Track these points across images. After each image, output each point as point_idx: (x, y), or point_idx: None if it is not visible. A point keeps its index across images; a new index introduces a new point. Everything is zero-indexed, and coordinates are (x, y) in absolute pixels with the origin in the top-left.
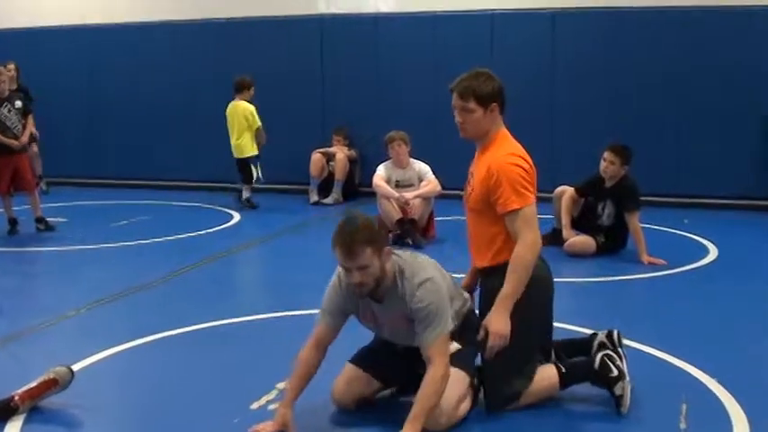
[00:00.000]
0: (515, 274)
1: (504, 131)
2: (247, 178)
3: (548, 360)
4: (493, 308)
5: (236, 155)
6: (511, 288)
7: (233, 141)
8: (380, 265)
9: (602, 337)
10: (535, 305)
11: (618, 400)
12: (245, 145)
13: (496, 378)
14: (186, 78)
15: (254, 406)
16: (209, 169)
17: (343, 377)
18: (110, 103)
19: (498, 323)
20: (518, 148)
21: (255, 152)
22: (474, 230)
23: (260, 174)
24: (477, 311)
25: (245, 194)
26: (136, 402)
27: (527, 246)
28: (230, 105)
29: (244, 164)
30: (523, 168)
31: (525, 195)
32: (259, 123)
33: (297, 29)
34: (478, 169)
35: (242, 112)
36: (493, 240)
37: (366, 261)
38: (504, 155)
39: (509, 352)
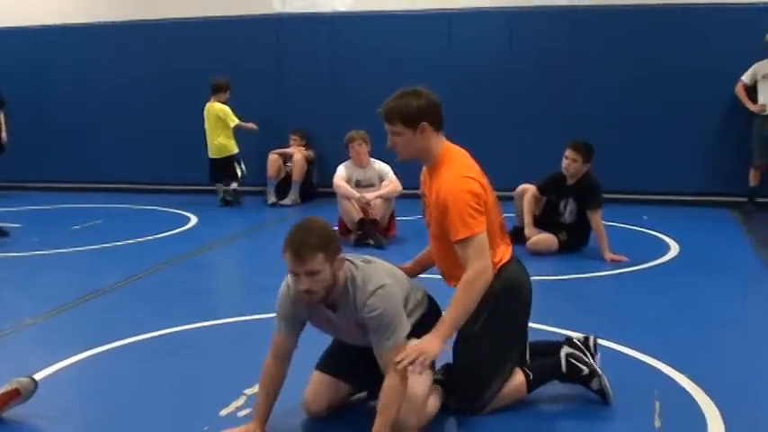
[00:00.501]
0: (461, 301)
1: (448, 148)
2: (232, 176)
3: (522, 362)
4: (433, 328)
5: (213, 155)
6: (455, 314)
7: (210, 142)
8: (332, 272)
9: (576, 342)
10: (516, 310)
11: (599, 395)
12: (224, 144)
13: (479, 381)
14: (139, 80)
15: (223, 413)
16: (163, 171)
17: (312, 386)
18: (59, 106)
19: (428, 343)
20: (467, 166)
21: (236, 150)
22: (439, 253)
23: (244, 170)
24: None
25: (233, 185)
26: (102, 412)
27: (476, 273)
28: (206, 107)
29: (226, 162)
30: (473, 193)
31: (473, 223)
32: (235, 122)
33: (252, 28)
34: (432, 194)
35: (215, 112)
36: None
37: (316, 267)
38: (453, 178)
39: (493, 356)
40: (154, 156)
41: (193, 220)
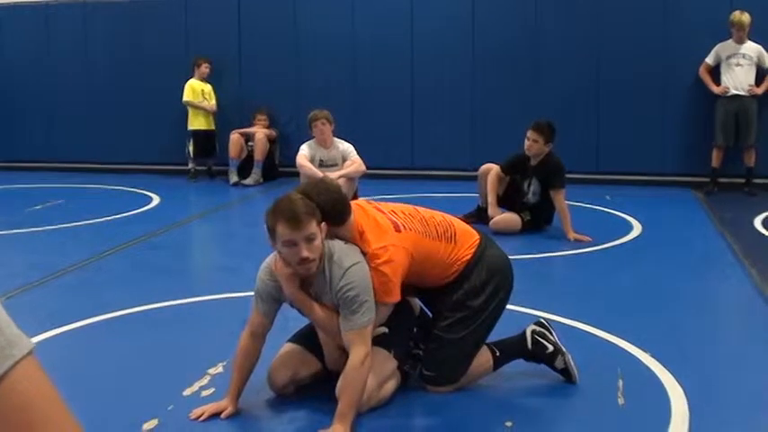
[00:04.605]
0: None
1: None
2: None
3: None
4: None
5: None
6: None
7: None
8: (322, 239)
9: (542, 321)
10: (499, 304)
11: (563, 374)
12: (189, 119)
13: (454, 362)
14: (100, 59)
15: (187, 392)
16: (125, 151)
17: (281, 355)
18: (19, 85)
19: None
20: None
21: (192, 127)
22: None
23: (189, 150)
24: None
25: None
26: (65, 392)
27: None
28: None
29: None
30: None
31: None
32: (184, 98)
33: (213, 6)
34: None
35: None
36: (442, 274)
37: (313, 231)
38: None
39: (475, 334)
40: (114, 136)
41: (156, 199)
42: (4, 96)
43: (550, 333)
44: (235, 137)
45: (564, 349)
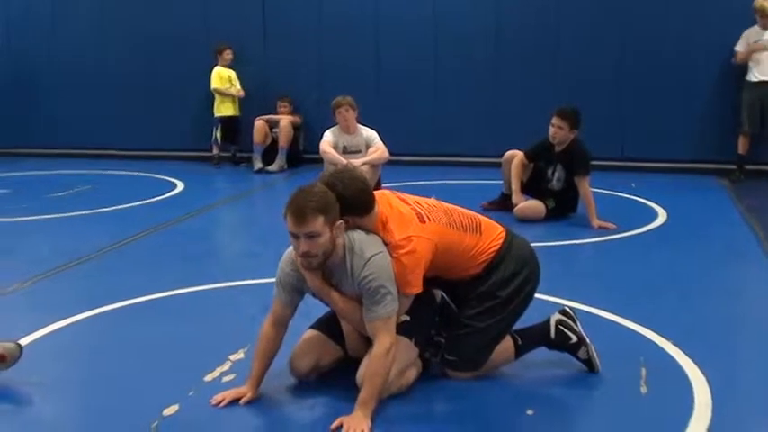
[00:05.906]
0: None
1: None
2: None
3: None
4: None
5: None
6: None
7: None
8: (331, 237)
9: (567, 310)
10: (527, 296)
11: (586, 364)
12: (216, 106)
13: (476, 348)
14: (119, 44)
15: (208, 378)
16: (149, 137)
17: (302, 341)
18: (46, 71)
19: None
20: (397, 230)
21: (220, 114)
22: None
23: (216, 136)
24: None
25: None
26: (87, 377)
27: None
28: None
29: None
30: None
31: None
32: (213, 86)
33: None
34: None
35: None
36: (467, 265)
37: (317, 229)
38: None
39: (497, 329)
40: (137, 122)
41: (180, 186)
42: (27, 84)
43: (575, 323)
44: (259, 123)
45: (588, 340)
